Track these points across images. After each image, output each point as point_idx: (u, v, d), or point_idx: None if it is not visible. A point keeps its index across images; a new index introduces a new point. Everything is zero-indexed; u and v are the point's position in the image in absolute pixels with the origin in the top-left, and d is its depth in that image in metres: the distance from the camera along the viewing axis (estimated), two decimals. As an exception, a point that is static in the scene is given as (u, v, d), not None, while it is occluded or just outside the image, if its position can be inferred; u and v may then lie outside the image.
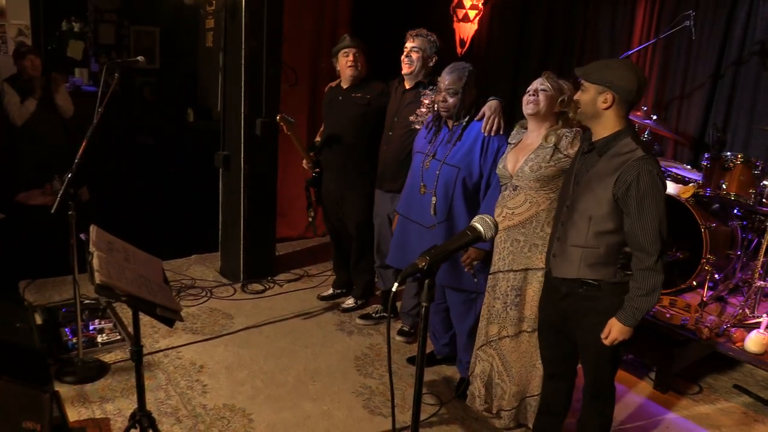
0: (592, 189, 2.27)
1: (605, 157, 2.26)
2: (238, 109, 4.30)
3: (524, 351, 2.89)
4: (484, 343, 2.97)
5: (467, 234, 1.44)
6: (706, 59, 4.76)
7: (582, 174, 2.34)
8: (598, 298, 2.32)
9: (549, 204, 2.68)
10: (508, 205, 2.76)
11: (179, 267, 4.79)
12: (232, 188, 4.53)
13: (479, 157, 2.98)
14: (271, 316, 4.13)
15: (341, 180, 4.02)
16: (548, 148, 2.66)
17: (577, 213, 2.32)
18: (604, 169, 2.24)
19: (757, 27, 4.52)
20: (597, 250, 2.27)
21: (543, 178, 2.65)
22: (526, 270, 2.76)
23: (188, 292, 4.39)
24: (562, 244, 2.38)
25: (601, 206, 2.24)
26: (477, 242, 1.45)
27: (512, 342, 2.89)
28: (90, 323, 3.66)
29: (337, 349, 3.77)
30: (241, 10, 4.13)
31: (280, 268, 4.88)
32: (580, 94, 2.30)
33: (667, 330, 3.45)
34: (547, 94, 2.68)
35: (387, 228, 3.88)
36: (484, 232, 1.44)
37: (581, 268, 2.30)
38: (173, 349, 3.61)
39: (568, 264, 2.35)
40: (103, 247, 2.29)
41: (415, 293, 3.81)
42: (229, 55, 4.30)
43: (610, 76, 2.22)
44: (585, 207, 2.29)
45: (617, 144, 2.25)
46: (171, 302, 2.24)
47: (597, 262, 2.28)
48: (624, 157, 2.20)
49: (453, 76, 3.05)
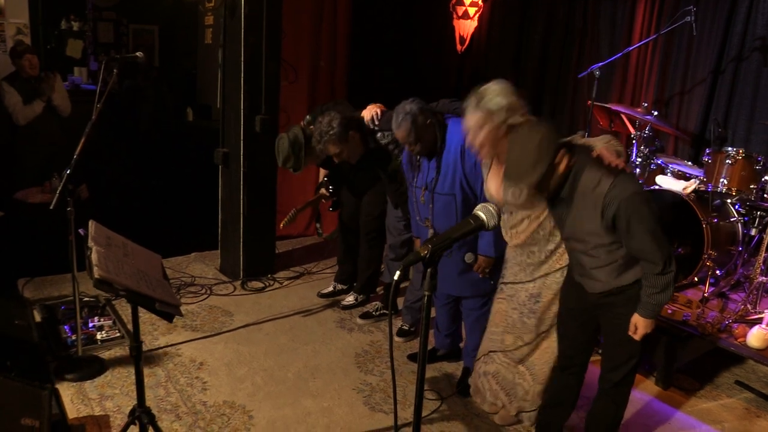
0: (581, 230, 2.25)
1: (576, 202, 2.18)
2: (237, 106, 4.28)
3: (545, 348, 2.87)
4: (500, 350, 2.95)
5: (470, 222, 1.43)
6: (706, 55, 4.75)
7: (563, 219, 2.30)
8: (628, 289, 2.32)
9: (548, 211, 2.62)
10: (510, 226, 2.76)
11: (179, 265, 4.78)
12: (231, 185, 4.51)
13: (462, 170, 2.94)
14: (271, 314, 4.11)
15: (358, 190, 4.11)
16: None
17: (579, 245, 2.32)
18: (582, 212, 2.19)
19: (758, 23, 4.51)
20: (616, 263, 2.27)
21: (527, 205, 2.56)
22: (547, 275, 2.75)
23: (188, 289, 4.37)
24: (582, 269, 2.38)
25: (598, 237, 2.22)
26: (480, 230, 1.43)
27: (528, 348, 2.88)
28: (89, 320, 3.64)
29: (337, 346, 3.76)
30: (240, 6, 4.11)
31: (280, 266, 4.87)
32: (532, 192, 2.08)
33: (669, 326, 3.43)
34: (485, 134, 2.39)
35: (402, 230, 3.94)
36: (486, 221, 1.43)
37: (611, 281, 2.31)
38: (173, 347, 3.59)
39: (596, 283, 2.35)
40: (102, 242, 2.28)
41: (420, 285, 3.80)
42: (229, 52, 4.29)
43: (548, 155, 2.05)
44: (584, 243, 2.28)
45: (580, 184, 2.15)
46: (170, 297, 2.22)
47: (622, 271, 2.29)
48: (594, 195, 2.12)
49: (402, 130, 2.97)
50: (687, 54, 4.83)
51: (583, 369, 2.67)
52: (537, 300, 2.76)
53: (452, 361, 3.61)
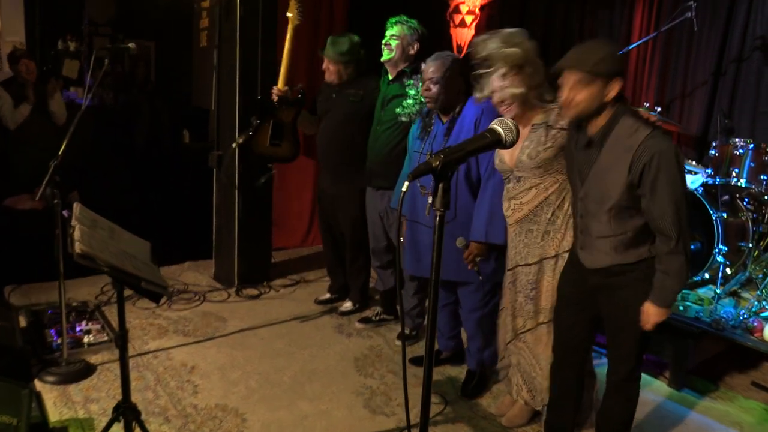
0: (603, 181, 2.12)
1: (607, 147, 2.09)
2: (232, 107, 4.20)
3: (547, 343, 2.71)
4: (513, 338, 2.80)
5: (486, 136, 1.31)
6: (706, 56, 4.70)
7: (586, 167, 2.18)
8: (632, 272, 2.19)
9: (557, 187, 2.52)
10: (514, 197, 2.60)
11: (172, 273, 4.63)
12: (226, 189, 4.40)
13: None
14: (267, 319, 3.96)
15: (336, 177, 3.91)
16: (540, 129, 2.49)
17: (593, 205, 2.18)
18: (611, 160, 2.08)
19: (758, 22, 4.48)
20: (625, 236, 2.14)
21: (544, 162, 2.48)
22: (541, 260, 2.61)
23: (180, 296, 4.22)
24: (587, 237, 2.24)
25: (618, 194, 2.09)
26: (496, 146, 1.31)
27: (532, 336, 2.72)
28: (77, 325, 3.49)
29: (335, 350, 3.61)
30: (236, 6, 4.06)
31: (276, 274, 4.73)
32: (575, 93, 2.06)
33: (681, 323, 3.30)
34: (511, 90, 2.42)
35: (379, 228, 3.74)
36: (504, 135, 1.30)
37: (614, 256, 2.18)
38: (164, 351, 3.44)
39: (599, 255, 2.21)
40: (87, 223, 2.16)
41: (414, 292, 3.65)
42: (224, 53, 4.22)
43: (615, 63, 2.05)
44: (600, 199, 2.14)
45: (616, 128, 2.07)
46: (157, 279, 2.10)
47: (629, 246, 2.16)
48: (631, 140, 2.03)
49: (435, 64, 2.92)
50: (687, 55, 4.79)
51: (582, 365, 2.51)
52: (534, 287, 2.63)
53: (456, 365, 3.45)
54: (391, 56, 3.51)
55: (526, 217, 2.58)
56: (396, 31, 3.49)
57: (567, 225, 2.53)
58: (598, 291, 2.30)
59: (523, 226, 2.60)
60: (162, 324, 3.77)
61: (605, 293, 2.27)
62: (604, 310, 2.33)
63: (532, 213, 2.56)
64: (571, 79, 2.06)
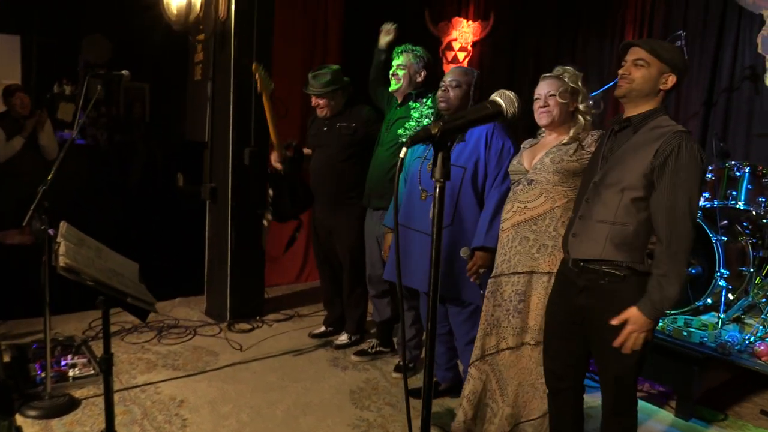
0: (626, 161, 2.10)
1: (642, 131, 2.11)
2: (225, 138, 4.18)
3: (524, 367, 2.60)
4: (479, 358, 2.66)
5: (487, 107, 1.26)
6: (698, 86, 4.75)
7: (613, 151, 2.17)
8: (622, 291, 2.07)
9: (565, 202, 2.47)
10: (520, 199, 2.54)
11: (162, 309, 4.51)
12: (219, 222, 4.34)
13: (484, 152, 2.83)
14: (259, 353, 3.84)
15: (332, 208, 3.87)
16: (572, 145, 2.49)
17: (606, 186, 2.13)
18: (642, 141, 2.09)
19: (746, 52, 4.54)
20: (626, 228, 2.07)
21: (564, 172, 2.46)
22: (531, 273, 2.52)
23: (170, 331, 4.10)
24: (586, 222, 2.17)
25: (636, 178, 2.06)
26: (496, 119, 1.26)
27: (512, 355, 2.59)
28: (62, 358, 3.37)
29: (330, 383, 3.48)
30: (230, 39, 4.09)
31: (269, 309, 4.63)
32: (635, 69, 2.12)
33: (685, 349, 3.21)
34: (558, 101, 2.51)
35: (376, 253, 3.67)
36: (505, 106, 1.26)
37: (607, 246, 2.08)
38: (152, 385, 3.31)
39: (591, 243, 2.12)
40: (73, 241, 2.09)
41: (411, 322, 3.56)
42: (218, 84, 4.23)
43: (677, 59, 2.12)
44: (617, 179, 2.10)
45: (654, 119, 2.11)
46: (145, 296, 2.02)
47: (625, 242, 2.07)
48: (664, 129, 2.06)
49: (459, 71, 2.99)
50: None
51: (578, 393, 2.38)
52: (522, 299, 2.52)
53: (455, 396, 3.32)
54: (399, 86, 3.51)
55: (526, 223, 2.52)
56: (402, 61, 3.50)
57: None
58: (584, 313, 2.19)
59: (519, 231, 2.53)
60: (151, 358, 3.65)
61: (594, 318, 2.16)
62: (591, 335, 2.21)
63: (533, 220, 2.50)
64: (634, 55, 2.13)
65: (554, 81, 2.53)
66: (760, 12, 4.41)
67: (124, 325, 4.10)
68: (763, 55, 4.43)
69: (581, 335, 2.24)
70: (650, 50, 2.09)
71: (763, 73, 4.44)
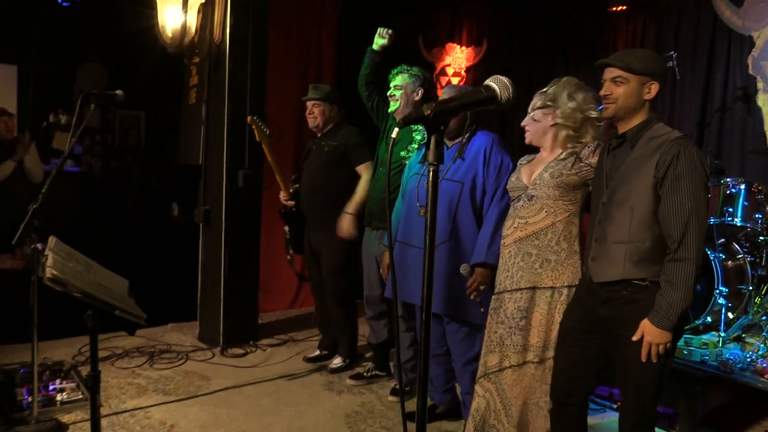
0: (630, 178, 2.10)
1: (639, 144, 2.11)
2: (220, 160, 4.17)
3: (527, 386, 2.53)
4: (482, 376, 2.61)
5: (481, 91, 1.24)
6: (690, 108, 4.79)
7: (615, 168, 2.17)
8: (644, 300, 2.06)
9: (567, 216, 2.46)
10: (521, 215, 2.51)
11: (154, 334, 4.44)
12: (212, 245, 4.30)
13: (483, 169, 2.82)
14: (253, 378, 3.76)
15: (318, 227, 3.86)
16: (570, 158, 2.48)
17: (615, 207, 2.12)
18: (641, 155, 2.09)
19: (737, 73, 4.59)
20: (643, 244, 2.06)
21: (564, 186, 2.44)
22: (534, 288, 2.48)
23: (162, 356, 4.02)
24: (602, 245, 2.15)
25: (642, 193, 2.05)
26: (490, 103, 1.24)
27: (514, 374, 2.53)
28: (50, 383, 3.29)
29: (325, 407, 3.40)
30: (225, 62, 4.10)
31: (263, 334, 4.55)
32: (615, 87, 2.12)
33: (687, 368, 3.15)
34: (539, 114, 2.52)
35: (375, 273, 3.63)
36: (499, 91, 1.24)
37: (627, 266, 2.07)
38: (141, 410, 3.23)
39: (611, 265, 2.11)
40: (62, 255, 2.05)
41: (409, 344, 3.50)
42: (212, 107, 4.23)
43: (653, 66, 2.12)
44: (624, 197, 2.10)
45: (649, 129, 2.11)
46: (134, 309, 1.97)
47: (644, 259, 2.06)
48: (661, 138, 2.06)
49: (454, 89, 2.98)
50: (671, 108, 4.87)
51: (583, 409, 2.34)
52: (524, 316, 2.48)
53: (453, 420, 3.25)
54: (397, 106, 3.49)
55: (528, 238, 2.49)
56: (399, 81, 3.49)
57: (570, 260, 2.45)
58: (607, 323, 2.17)
59: (521, 247, 2.50)
60: (141, 383, 3.57)
61: (614, 323, 2.14)
62: (613, 348, 2.18)
63: (535, 235, 2.47)
64: (610, 75, 2.13)
65: (536, 98, 2.56)
66: (749, 34, 4.48)
67: (115, 350, 4.03)
68: (754, 75, 4.48)
69: (597, 348, 2.22)
70: (625, 67, 2.10)
71: (755, 94, 4.48)
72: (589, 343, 2.23)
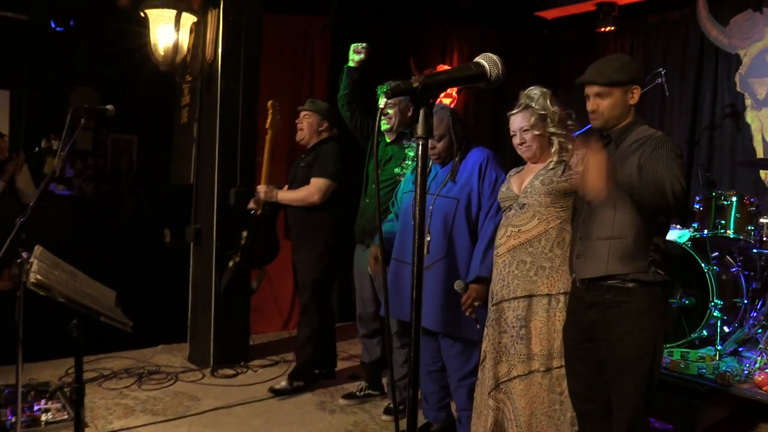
0: None
1: (624, 144, 2.17)
2: (211, 178, 4.15)
3: (534, 395, 2.49)
4: (493, 388, 2.56)
5: (470, 67, 1.23)
6: (680, 126, 4.83)
7: None
8: (628, 302, 2.10)
9: (559, 223, 2.46)
10: (513, 223, 2.51)
11: (143, 356, 4.36)
12: (203, 264, 4.25)
13: (477, 185, 2.81)
14: (243, 398, 3.68)
15: (296, 246, 3.82)
16: (559, 166, 2.49)
17: (599, 204, 2.14)
18: (626, 153, 2.14)
19: (725, 90, 4.64)
20: (625, 240, 2.09)
21: (555, 192, 2.45)
22: (530, 297, 2.47)
23: (151, 377, 3.94)
24: (586, 242, 2.19)
25: None
26: (479, 80, 1.23)
27: (522, 383, 2.49)
28: (35, 404, 3.20)
29: (317, 427, 3.33)
30: (217, 80, 4.11)
31: (254, 355, 4.47)
32: (600, 101, 2.17)
33: (684, 382, 3.11)
34: (534, 134, 2.51)
35: (368, 290, 3.59)
36: (488, 68, 1.22)
37: (610, 262, 2.10)
38: (128, 430, 3.16)
39: (594, 262, 2.14)
40: (47, 263, 2.01)
41: (404, 361, 3.44)
42: (204, 125, 4.23)
43: (632, 72, 2.18)
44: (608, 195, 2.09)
45: (634, 131, 2.17)
46: (120, 316, 1.93)
47: (627, 254, 2.09)
48: (644, 137, 2.13)
49: (435, 120, 2.95)
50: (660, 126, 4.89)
51: (608, 415, 2.28)
52: (523, 324, 2.46)
53: (448, 437, 3.19)
54: (391, 124, 3.47)
55: (521, 246, 2.48)
56: None
57: (565, 266, 2.43)
58: (595, 329, 2.19)
59: (515, 255, 2.49)
60: (129, 404, 3.49)
61: (601, 328, 2.16)
62: (602, 351, 2.19)
63: (529, 243, 2.47)
64: (593, 90, 2.18)
65: (524, 114, 2.54)
66: (736, 52, 4.54)
67: (103, 371, 3.95)
68: (742, 93, 4.53)
69: (598, 356, 2.22)
70: (607, 82, 2.15)
71: (743, 111, 4.52)
72: (588, 352, 2.25)
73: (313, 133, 3.75)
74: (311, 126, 3.74)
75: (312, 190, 3.61)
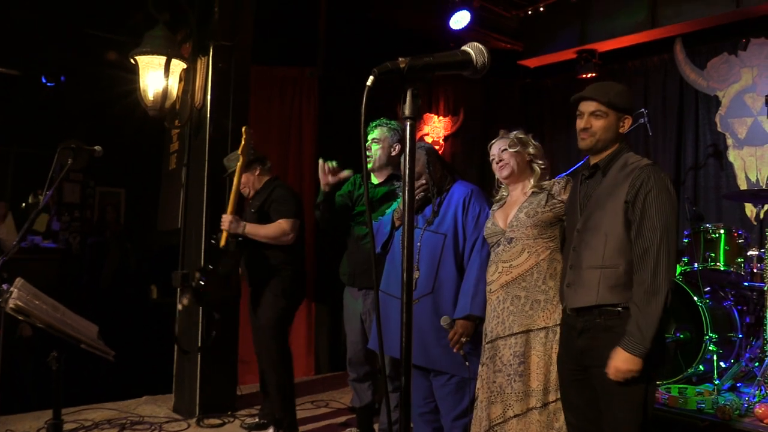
0: (603, 204, 2.14)
1: (611, 173, 2.18)
2: (199, 223, 4.12)
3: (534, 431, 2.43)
4: (487, 430, 2.48)
5: (457, 54, 1.22)
6: (664, 167, 4.88)
7: (588, 196, 2.22)
8: (617, 327, 2.05)
9: (549, 254, 2.45)
10: (503, 259, 2.50)
11: (126, 407, 4.20)
12: (189, 311, 4.16)
13: (462, 218, 2.80)
14: (230, 448, 3.55)
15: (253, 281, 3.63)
16: (541, 194, 2.50)
17: (590, 233, 2.14)
18: (613, 182, 2.14)
19: (708, 131, 4.74)
20: (617, 269, 2.07)
21: (540, 224, 2.45)
22: (528, 332, 2.43)
23: (134, 428, 3.80)
24: (577, 271, 2.16)
25: (615, 219, 2.09)
26: (464, 67, 1.22)
27: (519, 423, 2.42)
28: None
29: (307, 476, 3.20)
30: (205, 126, 4.14)
31: (242, 405, 4.33)
32: (595, 120, 2.19)
33: (685, 418, 3.04)
34: (511, 152, 2.56)
35: (358, 333, 3.50)
36: (474, 55, 1.22)
37: (601, 292, 2.08)
38: (109, 481, 3.01)
39: (585, 291, 2.11)
40: (27, 293, 1.96)
41: (396, 404, 3.34)
42: (192, 171, 4.23)
43: (628, 102, 2.22)
44: (598, 224, 2.13)
45: (620, 159, 2.18)
46: (101, 345, 1.86)
47: (618, 284, 2.06)
48: (632, 166, 2.13)
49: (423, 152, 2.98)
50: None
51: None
52: (521, 361, 2.41)
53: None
54: (373, 161, 3.41)
55: (515, 281, 2.45)
56: (377, 134, 3.44)
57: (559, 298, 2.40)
58: (586, 356, 2.15)
59: (509, 291, 2.46)
60: (110, 455, 3.34)
61: (592, 355, 2.12)
62: (595, 380, 2.14)
63: (521, 277, 2.44)
64: (589, 108, 2.19)
65: (502, 140, 2.61)
66: (714, 94, 4.66)
67: (84, 422, 3.80)
68: (723, 133, 4.63)
69: (588, 381, 2.18)
70: (607, 102, 2.18)
71: (725, 150, 4.61)
72: (581, 382, 2.20)
73: (252, 183, 3.65)
74: (249, 181, 3.63)
75: (286, 228, 3.45)
